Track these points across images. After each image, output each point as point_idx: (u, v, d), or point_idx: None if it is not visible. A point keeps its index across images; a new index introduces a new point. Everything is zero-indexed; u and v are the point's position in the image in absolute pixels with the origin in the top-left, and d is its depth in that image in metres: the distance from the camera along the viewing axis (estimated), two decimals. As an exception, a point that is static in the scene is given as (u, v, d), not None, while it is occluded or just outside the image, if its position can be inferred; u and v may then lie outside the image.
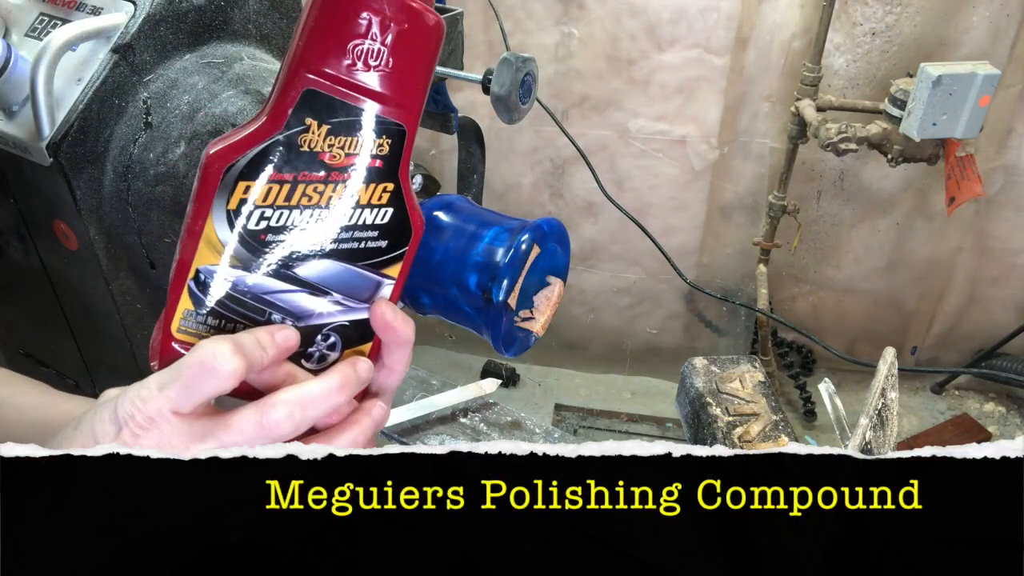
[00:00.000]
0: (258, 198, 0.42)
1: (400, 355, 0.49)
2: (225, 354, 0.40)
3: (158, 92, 0.69)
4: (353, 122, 0.43)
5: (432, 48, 0.44)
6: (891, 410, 0.67)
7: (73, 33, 0.65)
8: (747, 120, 1.86)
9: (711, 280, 2.10)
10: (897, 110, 1.55)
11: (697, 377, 0.82)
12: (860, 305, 2.09)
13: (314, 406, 0.43)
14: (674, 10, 1.72)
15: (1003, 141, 1.77)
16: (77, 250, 0.73)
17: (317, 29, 0.41)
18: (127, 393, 0.41)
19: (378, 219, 0.46)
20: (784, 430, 0.76)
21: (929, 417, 2.09)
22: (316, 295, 0.45)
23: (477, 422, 0.91)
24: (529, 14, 1.81)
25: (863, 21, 1.69)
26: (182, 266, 0.43)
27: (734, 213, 2.00)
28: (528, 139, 1.96)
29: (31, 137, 0.66)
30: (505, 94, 0.70)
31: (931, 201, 1.87)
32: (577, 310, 2.20)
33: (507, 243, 0.50)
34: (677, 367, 0.86)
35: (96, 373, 0.88)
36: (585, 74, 1.85)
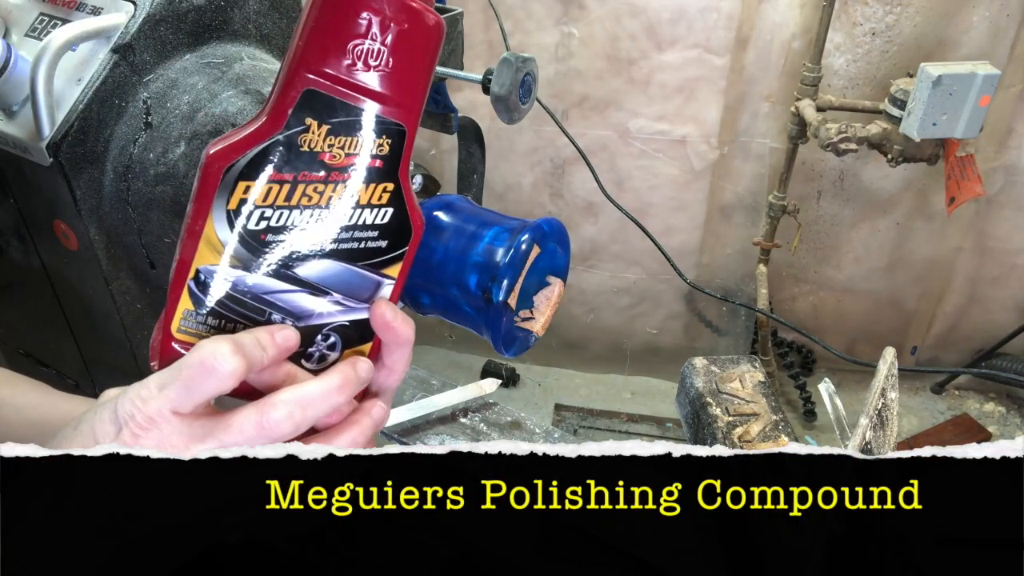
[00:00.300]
0: (258, 198, 0.42)
1: (400, 355, 0.49)
2: (225, 354, 0.40)
3: (158, 92, 0.69)
4: (353, 122, 0.43)
5: (432, 48, 0.44)
6: (891, 410, 0.67)
7: (73, 33, 0.65)
8: (747, 120, 1.86)
9: (711, 280, 2.10)
10: (897, 110, 1.55)
11: (697, 377, 0.82)
12: (860, 305, 2.09)
13: (314, 406, 0.43)
14: (674, 10, 1.72)
15: (1003, 141, 1.77)
16: (77, 250, 0.73)
17: (317, 29, 0.41)
18: (127, 393, 0.41)
19: (378, 219, 0.46)
20: (784, 430, 0.76)
21: (929, 417, 2.09)
22: (316, 295, 0.45)
23: (477, 422, 0.91)
24: (529, 14, 1.81)
25: (863, 21, 1.69)
26: (182, 266, 0.43)
27: (734, 213, 2.00)
28: (528, 139, 1.96)
29: (31, 137, 0.66)
30: (505, 94, 0.70)
31: (931, 201, 1.88)
32: (577, 310, 2.20)
33: (507, 243, 0.50)
34: (677, 367, 0.86)
35: (96, 373, 0.88)
36: (585, 74, 1.85)
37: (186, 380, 0.40)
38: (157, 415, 0.40)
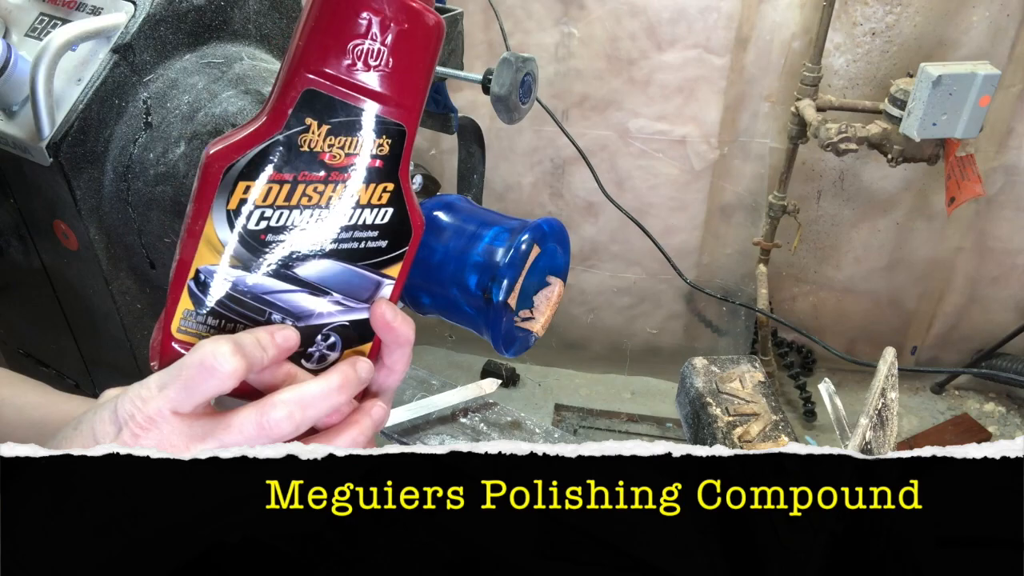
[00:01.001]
0: (258, 198, 0.42)
1: (400, 355, 0.49)
2: (225, 354, 0.40)
3: (158, 92, 0.69)
4: (353, 122, 0.43)
5: (432, 48, 0.44)
6: (891, 410, 0.67)
7: (73, 33, 0.65)
8: (747, 120, 1.86)
9: (711, 280, 2.10)
10: (897, 110, 1.55)
11: (697, 377, 0.82)
12: (860, 305, 2.09)
13: (314, 406, 0.43)
14: (674, 10, 1.72)
15: (1003, 141, 1.77)
16: (77, 250, 0.73)
17: (317, 29, 0.41)
18: (127, 393, 0.41)
19: (378, 219, 0.46)
20: (784, 430, 0.76)
21: (929, 417, 2.09)
22: (316, 295, 0.45)
23: (477, 422, 0.91)
24: (529, 14, 1.81)
25: (863, 21, 1.69)
26: (182, 266, 0.43)
27: (734, 213, 2.00)
28: (528, 139, 1.96)
29: (31, 137, 0.66)
30: (505, 94, 0.70)
31: (931, 201, 1.88)
32: (577, 310, 2.20)
33: (507, 243, 0.50)
34: (677, 367, 0.86)
35: (96, 373, 0.88)
36: (585, 74, 1.85)
37: (186, 380, 0.40)
38: (157, 415, 0.40)
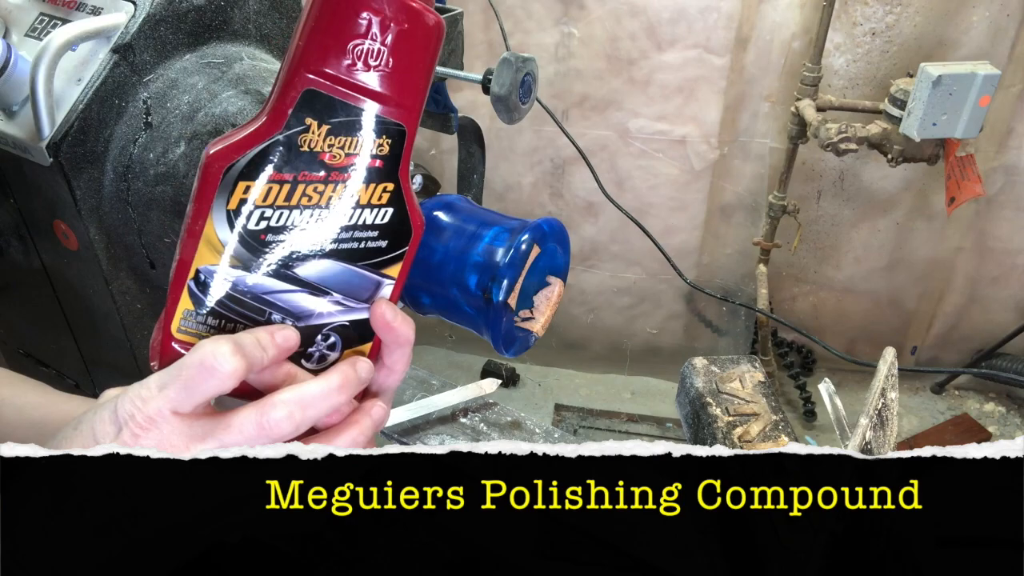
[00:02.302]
0: (258, 198, 0.42)
1: (400, 355, 0.49)
2: (225, 354, 0.40)
3: (158, 92, 0.69)
4: (353, 122, 0.43)
5: (432, 48, 0.44)
6: (891, 410, 0.67)
7: (73, 33, 0.65)
8: (747, 120, 1.86)
9: (711, 280, 2.10)
10: (897, 110, 1.55)
11: (697, 377, 0.82)
12: (860, 305, 2.09)
13: (314, 406, 0.43)
14: (674, 10, 1.72)
15: (1003, 141, 1.77)
16: (77, 250, 0.73)
17: (317, 29, 0.41)
18: (127, 393, 0.41)
19: (378, 219, 0.46)
20: (784, 430, 0.76)
21: (929, 417, 2.09)
22: (316, 295, 0.45)
23: (477, 422, 0.91)
24: (529, 14, 1.81)
25: (863, 21, 1.69)
26: (182, 266, 0.43)
27: (734, 213, 2.00)
28: (528, 139, 1.96)
29: (31, 137, 0.66)
30: (505, 94, 0.70)
31: (931, 201, 1.88)
32: (577, 310, 2.20)
33: (507, 243, 0.50)
34: (677, 367, 0.86)
35: (96, 373, 0.88)
36: (585, 74, 1.85)
37: (186, 380, 0.40)
38: (157, 415, 0.40)
